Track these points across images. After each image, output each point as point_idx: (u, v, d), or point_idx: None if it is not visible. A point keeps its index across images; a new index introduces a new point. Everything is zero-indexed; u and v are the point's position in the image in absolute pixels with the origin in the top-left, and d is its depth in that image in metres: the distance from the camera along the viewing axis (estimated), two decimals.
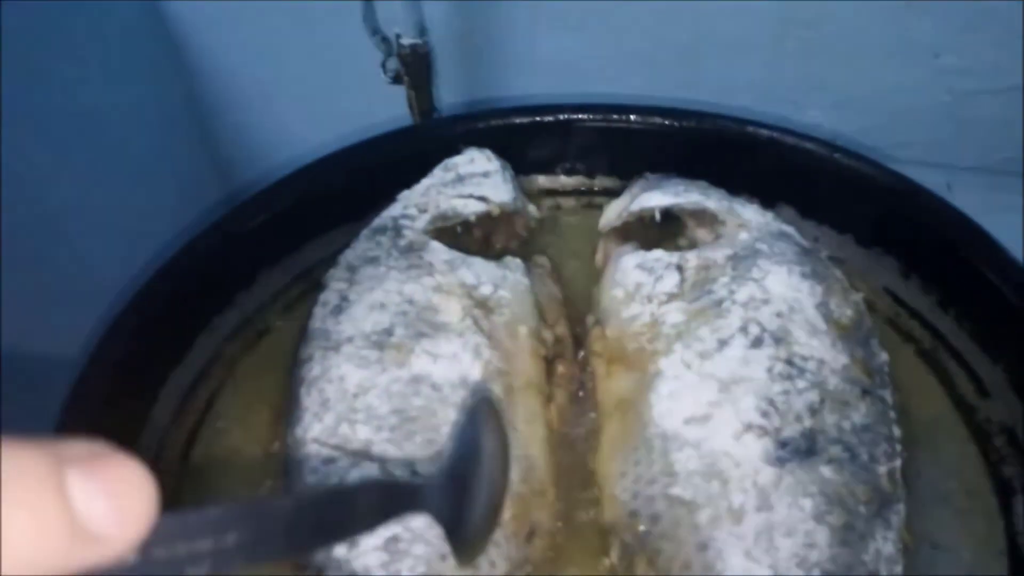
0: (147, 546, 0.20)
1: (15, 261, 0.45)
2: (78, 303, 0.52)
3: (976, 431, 0.51)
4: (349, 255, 0.58)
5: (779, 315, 0.50)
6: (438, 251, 0.57)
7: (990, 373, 0.53)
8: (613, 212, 0.63)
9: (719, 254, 0.55)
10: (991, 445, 0.50)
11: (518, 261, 0.60)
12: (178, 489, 0.51)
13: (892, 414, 0.48)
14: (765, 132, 0.64)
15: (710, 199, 0.60)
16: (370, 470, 0.46)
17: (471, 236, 0.62)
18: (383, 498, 0.32)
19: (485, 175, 0.63)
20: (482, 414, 0.37)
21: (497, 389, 0.50)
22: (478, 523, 0.35)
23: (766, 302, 0.51)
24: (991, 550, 0.45)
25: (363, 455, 0.46)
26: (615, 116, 0.68)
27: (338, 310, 0.54)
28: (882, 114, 0.75)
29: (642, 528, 0.45)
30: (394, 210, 0.61)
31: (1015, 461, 0.49)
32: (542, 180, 0.71)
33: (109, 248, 0.52)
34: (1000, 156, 0.78)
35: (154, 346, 0.53)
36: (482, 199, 0.61)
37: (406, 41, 0.69)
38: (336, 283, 0.56)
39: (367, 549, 0.43)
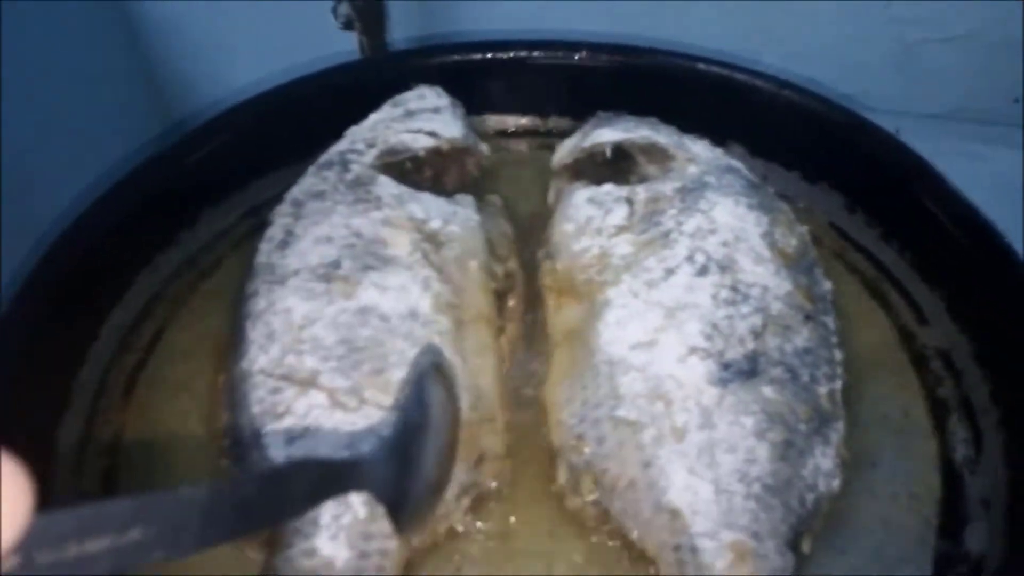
0: (28, 549, 0.18)
1: None
2: (8, 236, 0.50)
3: (915, 356, 0.53)
4: (295, 191, 0.57)
5: (725, 244, 0.51)
6: (386, 185, 0.56)
7: (929, 301, 0.54)
8: (565, 150, 0.63)
9: (668, 187, 0.55)
10: (928, 369, 0.52)
11: (469, 198, 0.59)
12: (121, 427, 0.50)
13: (834, 339, 0.50)
14: (716, 69, 0.64)
15: (660, 134, 0.60)
16: (317, 399, 0.45)
17: (421, 175, 0.61)
18: (318, 480, 0.31)
19: (435, 111, 0.62)
20: (429, 381, 0.37)
21: (447, 322, 0.50)
22: (421, 498, 0.35)
23: (712, 232, 0.51)
24: (926, 467, 0.47)
25: (310, 384, 0.46)
26: (567, 53, 0.67)
27: (284, 244, 0.53)
28: (833, 64, 0.75)
29: (588, 450, 0.45)
30: (341, 145, 0.60)
31: (950, 383, 0.51)
32: (494, 120, 0.70)
33: (40, 179, 0.50)
34: (949, 104, 0.79)
35: (91, 281, 0.52)
36: (432, 134, 0.60)
37: None
38: (282, 218, 0.55)
39: None
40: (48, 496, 0.43)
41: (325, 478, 0.32)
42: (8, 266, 0.50)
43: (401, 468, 0.34)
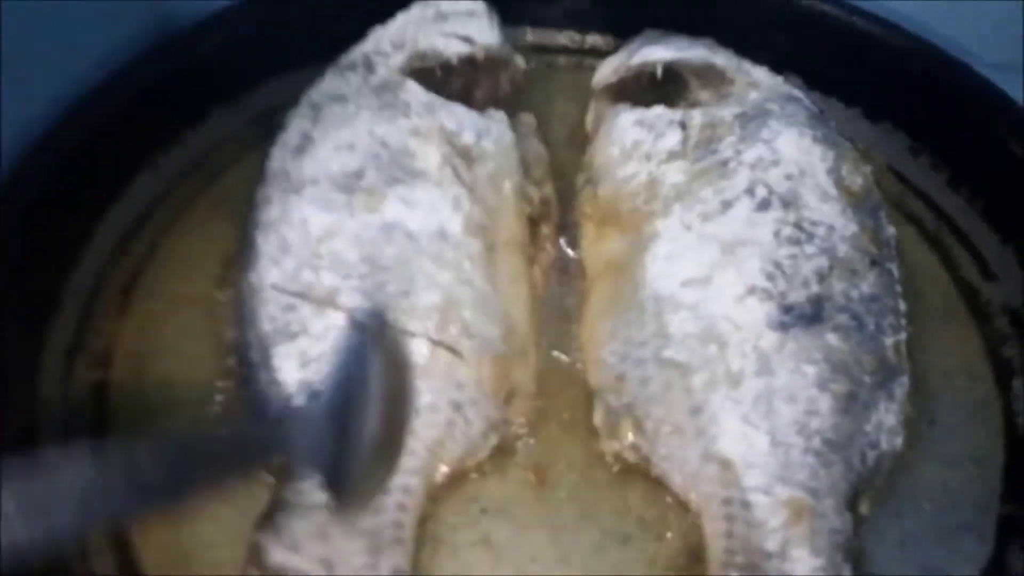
0: None
1: None
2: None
3: (977, 312, 0.49)
4: (313, 93, 0.52)
5: (788, 178, 0.46)
6: (415, 91, 0.51)
7: (997, 254, 0.50)
8: (609, 68, 0.57)
9: (726, 112, 0.50)
10: (992, 326, 0.48)
11: (502, 114, 0.54)
12: (113, 338, 0.45)
13: (898, 288, 0.46)
14: None
15: (717, 56, 0.54)
16: (336, 320, 0.41)
17: (450, 86, 0.56)
18: (238, 448, 0.29)
19: (470, 15, 0.56)
20: (372, 343, 0.33)
21: (478, 245, 0.46)
22: (363, 469, 0.31)
23: (775, 164, 0.47)
24: (988, 429, 0.44)
25: (328, 303, 0.42)
26: None
27: (300, 150, 0.48)
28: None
29: (629, 391, 0.41)
30: (366, 46, 0.54)
31: (1016, 343, 0.47)
32: (529, 34, 0.64)
33: (35, 65, 0.45)
34: None
35: (87, 175, 0.47)
36: (466, 39, 0.54)
37: None
38: (298, 121, 0.50)
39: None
40: (33, 406, 0.40)
41: (244, 446, 0.28)
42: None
43: (336, 435, 0.30)
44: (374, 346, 0.34)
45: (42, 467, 0.21)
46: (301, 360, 0.40)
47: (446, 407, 0.40)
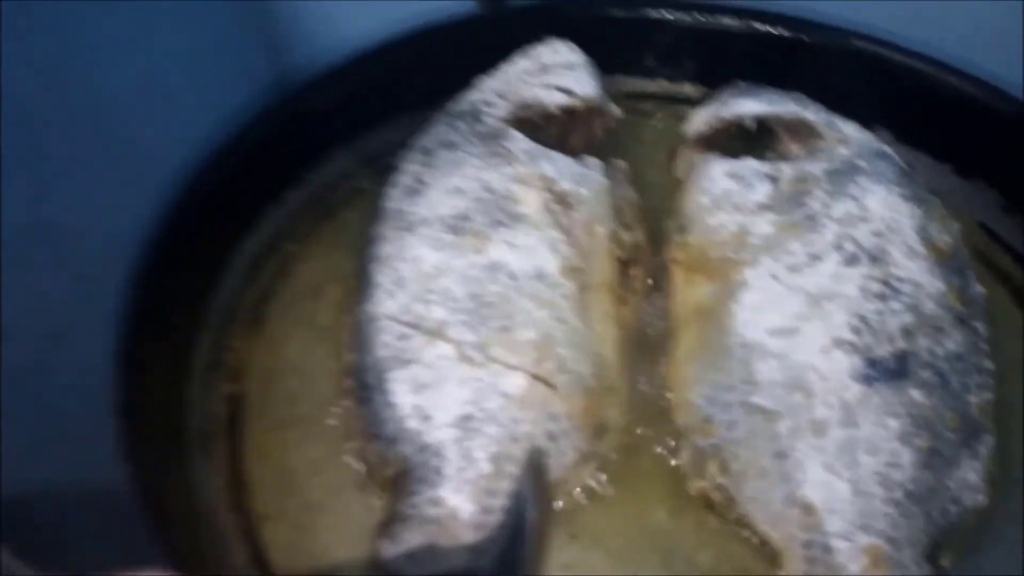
0: None
1: (66, 147, 0.44)
2: (134, 188, 0.51)
3: None
4: (424, 139, 0.56)
5: (877, 234, 0.48)
6: (519, 140, 0.55)
7: None
8: (701, 118, 0.60)
9: (816, 167, 0.52)
10: None
11: (597, 161, 0.57)
12: (247, 355, 0.50)
13: (985, 347, 0.47)
14: (871, 46, 0.60)
15: (808, 110, 0.56)
16: (444, 351, 0.45)
17: (548, 132, 0.59)
18: None
19: (569, 67, 0.60)
20: (529, 483, 0.38)
21: (572, 286, 0.49)
22: None
23: (864, 220, 0.49)
24: None
25: (437, 335, 0.46)
26: (706, 15, 0.63)
27: (413, 192, 0.53)
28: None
29: (716, 433, 0.44)
30: (473, 95, 0.58)
31: None
32: (622, 82, 0.67)
33: (161, 131, 0.51)
34: None
35: (223, 210, 0.53)
36: (567, 91, 0.58)
37: None
38: (411, 165, 0.54)
39: (440, 424, 0.43)
40: (179, 413, 0.45)
41: None
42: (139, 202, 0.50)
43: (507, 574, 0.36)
44: (532, 482, 0.39)
45: None
46: (413, 385, 0.44)
47: (542, 437, 0.43)
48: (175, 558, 0.34)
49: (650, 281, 0.54)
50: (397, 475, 0.42)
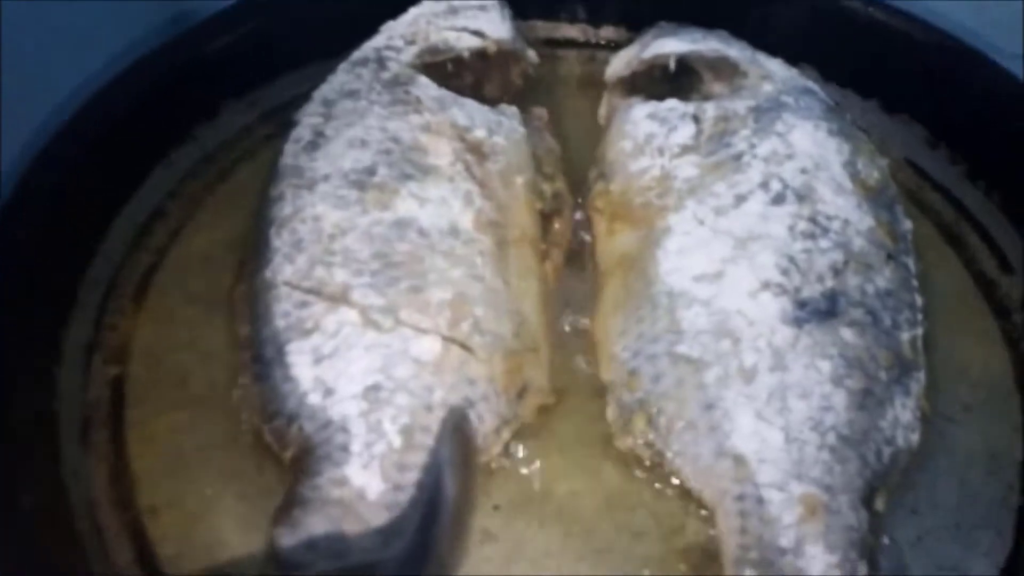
0: None
1: None
2: (9, 124, 0.45)
3: (996, 307, 0.49)
4: (325, 89, 0.52)
5: (803, 171, 0.46)
6: (427, 86, 0.51)
7: (1016, 246, 0.50)
8: (622, 61, 0.57)
9: (740, 105, 0.50)
10: (1010, 321, 0.48)
11: (514, 109, 0.54)
12: (131, 334, 0.46)
13: (915, 283, 0.45)
14: None
15: (732, 48, 0.54)
16: (348, 316, 0.41)
17: (461, 80, 0.55)
18: None
19: (481, 8, 0.56)
20: (446, 449, 0.36)
21: (489, 241, 0.45)
22: (440, 559, 0.33)
23: (790, 157, 0.46)
24: (1006, 425, 0.43)
25: (341, 300, 0.42)
26: None
27: (313, 146, 0.48)
28: None
29: (642, 387, 0.41)
30: (377, 41, 0.54)
31: None
32: (540, 27, 0.64)
33: (41, 64, 0.45)
34: None
35: (101, 171, 0.47)
36: (478, 33, 0.54)
37: None
38: (310, 118, 0.50)
39: (345, 397, 0.39)
40: (53, 400, 0.40)
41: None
42: (9, 152, 0.45)
43: (420, 554, 0.33)
44: (450, 448, 0.36)
45: None
46: (315, 356, 0.41)
47: (459, 404, 0.40)
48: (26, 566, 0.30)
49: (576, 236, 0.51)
50: (299, 456, 0.38)
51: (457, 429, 0.38)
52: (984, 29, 0.54)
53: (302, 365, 0.40)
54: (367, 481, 0.37)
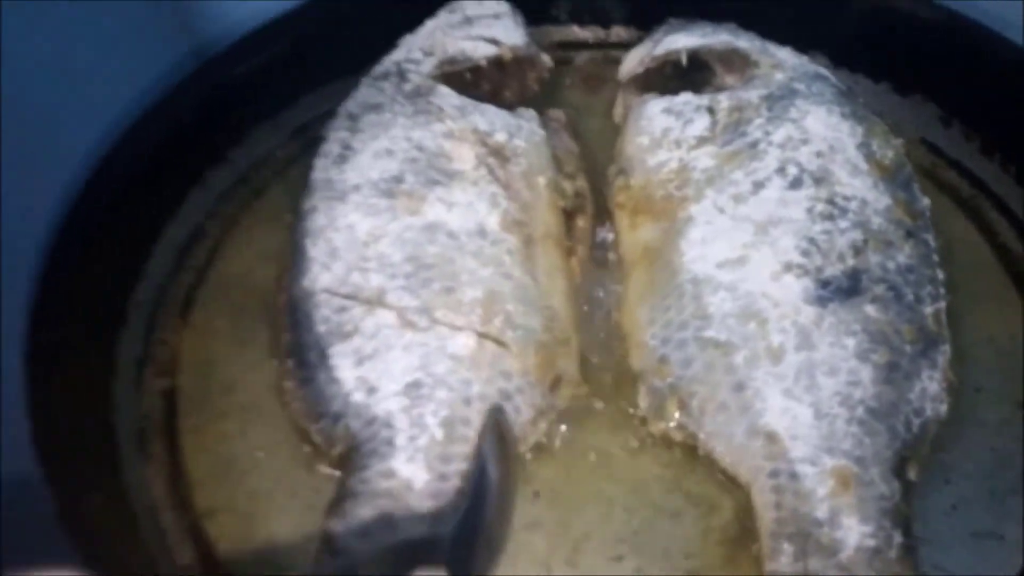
0: None
1: None
2: (46, 177, 0.47)
3: (1017, 277, 0.49)
4: (349, 104, 0.54)
5: (819, 155, 0.47)
6: (447, 96, 0.52)
7: None
8: (634, 59, 0.58)
9: (753, 94, 0.51)
10: None
11: (532, 112, 0.55)
12: (178, 348, 0.48)
13: (935, 257, 0.46)
14: None
15: (741, 40, 0.55)
16: (386, 319, 0.43)
17: (480, 88, 0.57)
18: (398, 561, 0.32)
19: (495, 17, 0.58)
20: (489, 443, 0.37)
21: (515, 240, 0.47)
22: (483, 563, 0.35)
23: (805, 142, 0.48)
24: None
25: (377, 303, 0.43)
26: None
27: (341, 159, 0.50)
28: None
29: (673, 373, 0.42)
30: (397, 55, 0.56)
31: None
32: (553, 31, 0.65)
33: (71, 115, 0.47)
34: None
35: (143, 197, 0.49)
36: (493, 41, 0.56)
37: None
38: (337, 133, 0.52)
39: (388, 394, 0.41)
40: (110, 413, 0.42)
41: (403, 560, 0.33)
42: (52, 189, 0.47)
43: (469, 537, 0.34)
44: (492, 443, 0.38)
45: None
46: (356, 358, 0.42)
47: (495, 396, 0.42)
48: (98, 566, 0.32)
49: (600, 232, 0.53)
50: (346, 453, 0.40)
51: (496, 421, 0.40)
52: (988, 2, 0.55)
53: (345, 367, 0.42)
54: (413, 472, 0.39)
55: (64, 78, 0.48)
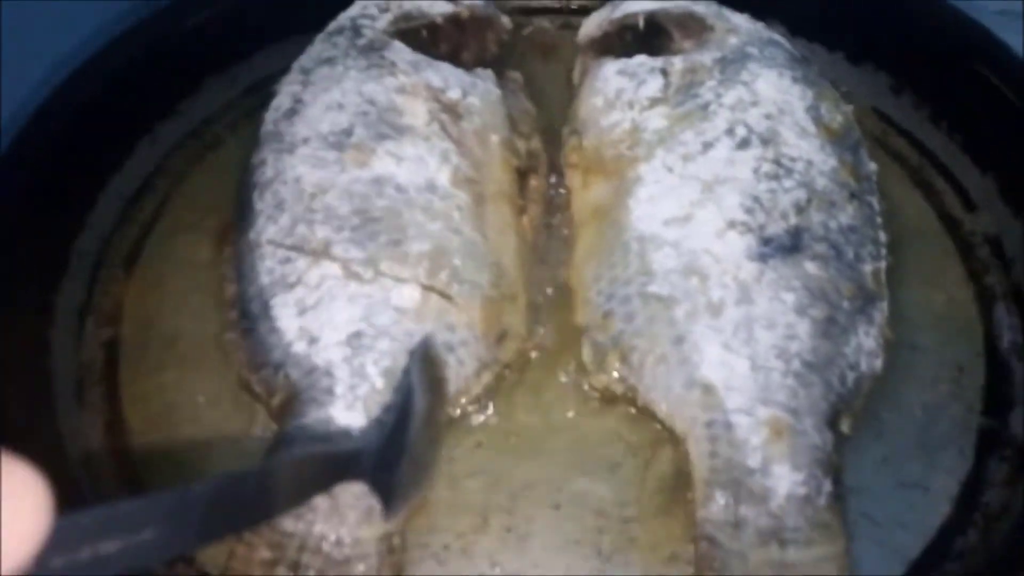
0: (43, 553, 0.17)
1: None
2: None
3: (960, 243, 0.50)
4: (303, 59, 0.53)
5: (768, 117, 0.47)
6: (401, 51, 0.52)
7: (978, 185, 0.51)
8: (593, 23, 0.58)
9: (706, 57, 0.51)
10: (974, 256, 0.49)
11: (489, 72, 0.55)
12: (121, 298, 0.47)
13: (879, 220, 0.47)
14: None
15: (698, 5, 0.55)
16: (330, 270, 0.43)
17: (437, 48, 0.57)
18: (319, 472, 0.31)
19: None
20: (416, 370, 0.36)
21: (466, 197, 0.47)
22: (410, 484, 0.34)
23: (754, 104, 0.48)
24: (969, 350, 0.45)
25: (322, 254, 0.43)
26: None
27: (292, 112, 0.50)
28: None
29: (615, 327, 0.43)
30: (352, 10, 0.55)
31: (997, 270, 0.48)
32: None
33: (14, 50, 0.46)
34: None
35: (88, 145, 0.48)
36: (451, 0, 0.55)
37: None
38: (289, 87, 0.51)
39: (329, 344, 0.41)
40: (48, 361, 0.42)
41: (325, 471, 0.32)
42: None
43: (393, 458, 0.34)
44: (419, 370, 0.37)
45: (178, 496, 0.23)
46: (299, 308, 0.42)
47: (438, 348, 0.42)
48: None
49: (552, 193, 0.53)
50: (286, 402, 0.40)
51: (425, 348, 0.40)
52: None
53: (287, 317, 0.42)
54: (351, 420, 0.39)
55: (10, 19, 0.47)
